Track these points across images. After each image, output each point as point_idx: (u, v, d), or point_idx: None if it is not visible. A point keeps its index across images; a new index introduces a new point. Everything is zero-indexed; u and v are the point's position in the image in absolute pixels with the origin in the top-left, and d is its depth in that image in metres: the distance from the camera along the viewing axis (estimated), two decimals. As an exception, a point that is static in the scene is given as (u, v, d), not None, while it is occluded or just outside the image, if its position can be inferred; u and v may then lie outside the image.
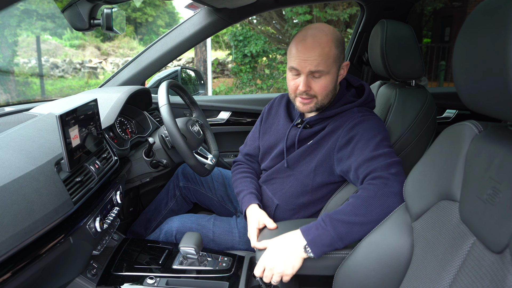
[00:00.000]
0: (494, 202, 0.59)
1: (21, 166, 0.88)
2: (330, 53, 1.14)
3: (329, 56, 1.14)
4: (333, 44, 1.15)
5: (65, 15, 1.36)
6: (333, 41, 1.15)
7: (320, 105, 1.21)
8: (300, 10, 7.29)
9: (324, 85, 1.17)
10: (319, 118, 1.23)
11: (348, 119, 1.18)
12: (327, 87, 1.18)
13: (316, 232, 0.98)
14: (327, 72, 1.15)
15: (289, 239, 1.01)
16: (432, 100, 1.34)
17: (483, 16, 0.62)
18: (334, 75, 1.18)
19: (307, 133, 1.24)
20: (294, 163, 1.26)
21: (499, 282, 0.54)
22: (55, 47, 10.23)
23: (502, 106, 0.60)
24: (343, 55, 1.20)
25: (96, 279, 1.16)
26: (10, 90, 7.59)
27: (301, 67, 1.15)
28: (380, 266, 0.86)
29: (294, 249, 0.98)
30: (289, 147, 1.29)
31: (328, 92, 1.19)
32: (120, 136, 1.50)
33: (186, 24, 1.82)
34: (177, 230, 1.40)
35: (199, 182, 1.68)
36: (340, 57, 1.19)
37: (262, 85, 7.93)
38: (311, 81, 1.17)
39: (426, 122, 1.29)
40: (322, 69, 1.14)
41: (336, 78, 1.20)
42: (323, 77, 1.16)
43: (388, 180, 0.99)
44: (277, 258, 0.99)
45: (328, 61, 1.14)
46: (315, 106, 1.21)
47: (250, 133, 1.51)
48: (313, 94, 1.18)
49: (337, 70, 1.19)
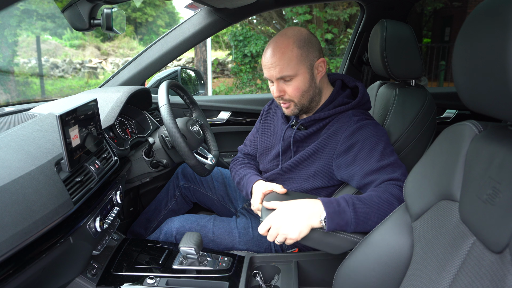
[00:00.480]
0: (494, 202, 0.59)
1: (21, 166, 0.88)
2: (292, 56, 1.14)
3: (291, 58, 1.14)
4: (295, 45, 1.15)
5: (65, 15, 1.36)
6: (295, 42, 1.15)
7: (300, 107, 1.22)
8: (300, 10, 7.29)
9: (296, 87, 1.17)
10: (312, 120, 1.23)
11: (344, 124, 1.17)
12: (299, 89, 1.18)
13: (338, 208, 0.98)
14: (295, 75, 1.16)
15: (307, 205, 1.01)
16: (432, 100, 1.34)
17: (483, 16, 0.62)
18: (304, 75, 1.17)
19: (301, 135, 1.24)
20: (292, 168, 1.26)
21: (499, 282, 0.54)
22: (55, 47, 10.23)
23: (502, 106, 0.60)
24: (312, 54, 1.18)
25: (96, 279, 1.16)
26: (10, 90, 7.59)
27: (269, 75, 1.18)
28: (380, 266, 0.86)
29: (308, 215, 0.98)
30: (285, 148, 1.29)
31: (303, 93, 1.19)
32: (120, 136, 1.50)
33: (186, 24, 1.82)
34: (177, 230, 1.40)
35: (199, 182, 1.68)
36: (309, 56, 1.17)
37: (262, 85, 7.94)
38: (284, 86, 1.19)
39: (426, 122, 1.29)
40: (287, 73, 1.15)
41: (309, 77, 1.18)
42: (293, 80, 1.17)
43: None
44: (287, 219, 0.99)
45: (291, 63, 1.14)
46: (296, 108, 1.22)
47: (250, 133, 1.52)
48: (288, 99, 1.20)
49: (308, 70, 1.17)
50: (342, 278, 0.94)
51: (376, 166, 1.07)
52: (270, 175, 1.32)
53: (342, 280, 0.94)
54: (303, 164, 1.24)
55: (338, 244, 1.03)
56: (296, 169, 1.26)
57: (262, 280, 1.20)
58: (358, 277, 0.91)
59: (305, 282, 1.25)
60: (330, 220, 0.97)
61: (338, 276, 0.96)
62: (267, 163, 1.36)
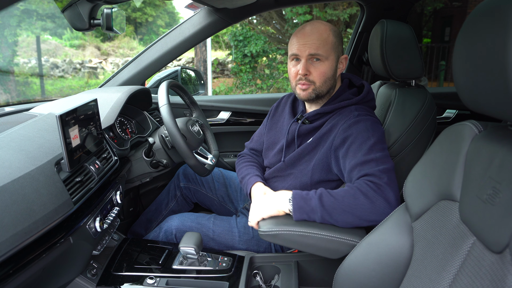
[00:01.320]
0: (494, 202, 0.59)
1: (21, 166, 0.88)
2: (328, 39, 1.20)
3: (327, 41, 1.19)
4: (331, 32, 1.21)
5: (65, 15, 1.36)
6: (331, 30, 1.22)
7: (319, 91, 1.23)
8: (300, 10, 7.28)
9: (323, 70, 1.21)
10: (317, 114, 1.26)
11: (344, 118, 1.19)
12: (325, 73, 1.21)
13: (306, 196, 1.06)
14: (326, 58, 1.20)
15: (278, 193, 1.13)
16: (432, 100, 1.34)
17: (483, 16, 0.62)
18: (332, 63, 1.22)
19: (306, 129, 1.27)
20: (294, 161, 1.28)
21: (499, 282, 0.54)
22: (55, 47, 10.22)
23: (502, 106, 0.60)
24: (341, 47, 1.25)
25: (96, 279, 1.16)
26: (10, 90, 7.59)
27: (300, 51, 1.20)
28: (380, 266, 0.86)
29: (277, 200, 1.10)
30: (289, 142, 1.31)
31: (326, 79, 1.22)
32: (120, 136, 1.50)
33: (186, 24, 1.82)
34: (177, 229, 1.40)
35: (199, 183, 1.68)
36: (339, 48, 1.23)
37: (262, 85, 7.93)
38: (310, 66, 1.21)
39: (426, 122, 1.29)
40: (321, 52, 1.19)
41: (334, 67, 1.23)
42: (322, 62, 1.20)
43: (381, 187, 1.01)
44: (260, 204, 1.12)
45: (326, 46, 1.19)
46: (314, 92, 1.23)
47: (257, 130, 1.56)
48: (311, 80, 1.22)
49: (335, 59, 1.23)
50: (342, 278, 0.94)
51: (361, 159, 1.08)
52: (273, 171, 1.34)
53: (342, 280, 0.94)
54: (304, 158, 1.25)
55: (336, 249, 1.03)
56: (297, 163, 1.27)
57: (262, 280, 1.20)
58: (358, 277, 0.91)
59: (305, 282, 1.25)
60: (296, 204, 1.05)
61: (338, 276, 0.96)
62: (272, 157, 1.38)
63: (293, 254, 1.28)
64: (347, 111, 1.21)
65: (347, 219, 1.02)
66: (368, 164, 1.06)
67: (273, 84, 7.89)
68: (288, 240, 1.06)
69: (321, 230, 1.04)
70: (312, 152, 1.24)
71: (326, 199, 1.03)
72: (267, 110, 2.06)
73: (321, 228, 1.04)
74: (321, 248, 1.05)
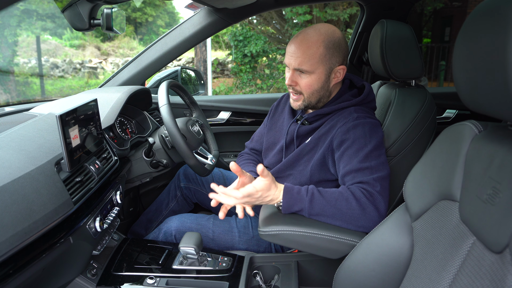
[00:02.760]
0: (494, 202, 0.59)
1: (21, 166, 0.88)
2: (315, 53, 1.15)
3: (314, 56, 1.15)
4: (322, 44, 1.15)
5: (65, 15, 1.36)
6: (324, 41, 1.16)
7: (308, 102, 1.23)
8: (300, 10, 7.28)
9: (308, 83, 1.19)
10: (316, 115, 1.25)
11: (343, 120, 1.18)
12: (311, 86, 1.20)
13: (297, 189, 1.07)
14: (311, 72, 1.17)
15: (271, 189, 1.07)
16: (432, 100, 1.34)
17: (483, 16, 0.62)
18: (320, 76, 1.18)
19: (305, 130, 1.27)
20: (293, 162, 1.27)
21: (499, 282, 0.54)
22: (55, 47, 10.22)
23: (502, 106, 0.60)
24: (336, 58, 1.19)
25: (96, 279, 1.16)
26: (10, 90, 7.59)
27: (288, 62, 1.20)
28: (380, 266, 0.86)
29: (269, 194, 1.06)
30: (288, 143, 1.31)
31: (313, 91, 1.21)
32: (120, 136, 1.50)
33: (186, 24, 1.82)
34: (176, 230, 1.40)
35: (200, 183, 1.68)
36: (331, 59, 1.18)
37: (262, 85, 7.93)
38: (298, 77, 1.20)
39: (426, 122, 1.29)
40: (305, 68, 1.16)
41: (324, 79, 1.20)
42: (308, 75, 1.18)
43: (373, 195, 1.03)
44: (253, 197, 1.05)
45: (311, 60, 1.16)
46: (303, 103, 1.24)
47: (258, 130, 1.56)
48: (298, 90, 1.22)
49: (324, 72, 1.18)
50: (342, 278, 0.95)
51: (356, 166, 1.09)
52: (272, 172, 1.33)
53: (342, 280, 0.94)
54: (303, 158, 1.25)
55: (336, 249, 1.03)
56: (296, 163, 1.27)
57: (262, 280, 1.20)
58: (358, 277, 0.91)
59: (305, 282, 1.25)
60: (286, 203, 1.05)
61: (338, 276, 0.96)
62: (271, 158, 1.38)
63: (293, 254, 1.28)
64: (346, 113, 1.20)
65: (335, 222, 1.05)
66: (363, 171, 1.07)
67: (273, 84, 7.89)
68: (288, 240, 1.06)
69: (322, 230, 1.04)
70: (310, 152, 1.24)
71: (317, 201, 1.04)
72: (267, 110, 2.06)
73: (321, 228, 1.04)
74: (321, 248, 1.05)
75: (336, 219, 1.04)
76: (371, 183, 1.05)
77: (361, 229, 1.03)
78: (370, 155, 1.10)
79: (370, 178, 1.06)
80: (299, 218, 1.08)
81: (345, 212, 1.03)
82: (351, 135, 1.13)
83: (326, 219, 1.05)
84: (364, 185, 1.05)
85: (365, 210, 1.02)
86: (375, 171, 1.07)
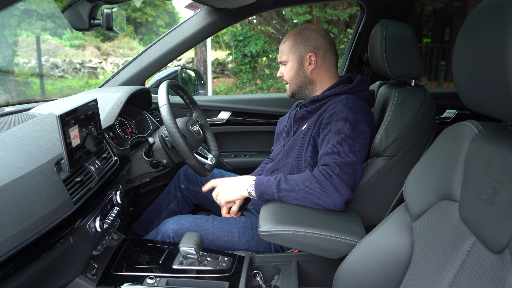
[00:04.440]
0: (494, 202, 0.59)
1: (21, 166, 0.88)
2: (286, 46, 1.39)
3: (285, 48, 1.40)
4: (292, 37, 1.38)
5: (65, 15, 1.36)
6: (294, 34, 1.39)
7: (292, 89, 1.43)
8: (300, 10, 7.28)
9: (286, 71, 1.42)
10: (312, 100, 1.39)
11: (333, 105, 1.29)
12: (289, 73, 1.41)
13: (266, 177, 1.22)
14: (286, 61, 1.41)
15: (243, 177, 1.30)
16: (432, 100, 1.34)
17: (483, 16, 0.62)
18: (293, 63, 1.39)
19: (301, 113, 1.41)
20: (291, 148, 1.37)
21: (499, 282, 0.54)
22: (55, 47, 10.22)
23: (502, 106, 0.60)
24: (304, 47, 1.37)
25: (96, 279, 1.16)
26: (10, 90, 7.59)
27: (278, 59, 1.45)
28: (380, 266, 0.87)
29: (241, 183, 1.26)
30: (289, 128, 1.46)
31: (292, 78, 1.41)
32: (120, 136, 1.50)
33: (186, 24, 1.82)
34: (174, 232, 1.39)
35: (200, 184, 1.68)
36: (299, 48, 1.37)
37: (262, 85, 7.93)
38: (282, 69, 1.44)
39: (425, 121, 1.29)
40: (282, 59, 1.41)
41: (296, 66, 1.38)
42: (285, 65, 1.42)
43: (331, 176, 1.13)
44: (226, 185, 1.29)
45: (284, 51, 1.40)
46: (290, 91, 1.45)
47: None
48: (285, 80, 1.44)
49: (296, 59, 1.38)
50: (342, 278, 0.95)
51: (328, 150, 1.19)
52: (273, 164, 1.43)
53: (342, 280, 0.94)
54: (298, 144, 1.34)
55: (336, 249, 1.04)
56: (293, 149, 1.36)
57: (262, 280, 1.20)
58: (358, 277, 0.91)
59: (305, 282, 1.25)
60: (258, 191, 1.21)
61: (338, 276, 0.96)
62: (277, 146, 1.53)
63: (293, 254, 1.27)
64: (337, 99, 1.31)
65: (300, 202, 1.16)
66: (332, 156, 1.17)
67: (273, 84, 7.89)
68: (288, 240, 1.07)
69: (322, 230, 1.04)
70: (305, 136, 1.32)
71: (283, 184, 1.17)
72: (267, 110, 2.06)
73: (322, 228, 1.04)
74: (321, 248, 1.05)
75: (300, 199, 1.15)
76: (331, 166, 1.15)
77: (325, 207, 1.14)
78: (344, 142, 1.18)
79: (332, 162, 1.16)
80: (299, 218, 1.08)
81: (307, 191, 1.14)
82: (334, 120, 1.23)
83: (292, 200, 1.16)
84: (325, 167, 1.15)
85: (324, 188, 1.12)
86: (342, 156, 1.16)
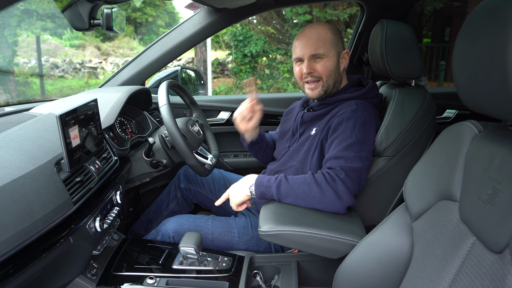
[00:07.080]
0: (494, 202, 0.59)
1: (21, 166, 0.88)
2: (326, 38, 1.29)
3: (326, 40, 1.29)
4: (329, 30, 1.30)
5: (65, 15, 1.36)
6: (329, 28, 1.31)
7: (326, 87, 1.32)
8: (300, 10, 7.28)
9: (325, 66, 1.29)
10: (321, 104, 1.35)
11: (342, 110, 1.25)
12: (328, 68, 1.30)
13: (266, 178, 1.19)
14: (326, 55, 1.29)
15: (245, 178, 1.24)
16: (432, 100, 1.34)
17: (483, 16, 0.62)
18: (333, 58, 1.30)
19: (309, 116, 1.36)
20: (297, 150, 1.34)
21: (499, 282, 0.54)
22: (55, 47, 10.22)
23: (502, 106, 0.60)
24: (340, 43, 1.33)
25: (96, 279, 1.16)
26: (10, 90, 7.59)
27: (302, 53, 1.30)
28: (380, 266, 0.87)
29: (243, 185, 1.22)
30: (295, 129, 1.42)
31: (331, 73, 1.30)
32: (120, 136, 1.50)
33: (186, 24, 1.82)
34: (174, 231, 1.39)
35: (200, 184, 1.68)
36: (338, 44, 1.32)
37: (262, 85, 7.93)
38: (314, 64, 1.30)
39: (425, 121, 1.29)
40: (321, 51, 1.28)
41: (336, 61, 1.31)
42: (324, 59, 1.29)
43: (335, 181, 1.10)
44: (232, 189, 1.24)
45: (325, 44, 1.28)
46: (322, 89, 1.32)
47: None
48: (317, 76, 1.30)
49: (336, 54, 1.31)
50: (342, 278, 0.95)
51: (335, 154, 1.16)
52: (277, 166, 1.40)
53: (342, 280, 0.94)
54: (305, 146, 1.30)
55: (336, 249, 1.04)
56: (298, 152, 1.32)
57: (262, 280, 1.20)
58: (358, 277, 0.91)
59: (305, 282, 1.25)
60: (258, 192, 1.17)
61: (338, 276, 0.96)
62: (280, 145, 1.48)
63: (293, 254, 1.27)
64: (347, 104, 1.27)
65: (299, 204, 1.13)
66: (338, 160, 1.14)
67: (273, 84, 7.89)
68: (288, 240, 1.07)
69: (322, 230, 1.04)
70: (313, 141, 1.29)
71: (283, 186, 1.15)
72: (267, 110, 2.06)
73: (322, 228, 1.04)
74: (321, 248, 1.05)
75: (299, 202, 1.13)
76: (337, 170, 1.12)
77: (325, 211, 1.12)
78: (352, 147, 1.15)
79: (338, 166, 1.12)
80: (299, 218, 1.08)
81: (307, 195, 1.11)
82: (343, 126, 1.20)
83: (291, 201, 1.14)
84: (329, 171, 1.12)
85: (324, 194, 1.09)
86: (349, 161, 1.13)
